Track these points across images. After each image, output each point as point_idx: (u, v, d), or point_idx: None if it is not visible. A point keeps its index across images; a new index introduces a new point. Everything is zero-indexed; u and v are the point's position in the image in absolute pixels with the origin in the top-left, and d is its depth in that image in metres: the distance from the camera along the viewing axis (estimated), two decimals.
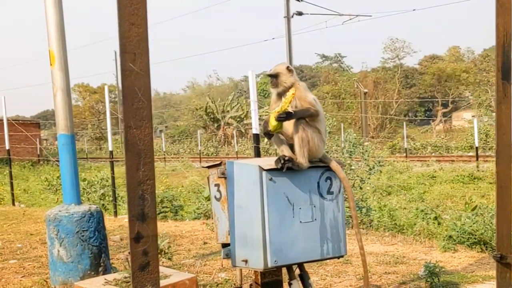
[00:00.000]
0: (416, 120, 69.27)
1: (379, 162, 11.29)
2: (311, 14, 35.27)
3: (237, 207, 4.85)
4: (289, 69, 4.91)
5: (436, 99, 67.83)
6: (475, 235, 8.22)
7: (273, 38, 44.41)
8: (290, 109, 4.61)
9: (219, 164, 5.12)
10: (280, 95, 4.90)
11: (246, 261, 4.77)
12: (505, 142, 5.77)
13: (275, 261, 4.62)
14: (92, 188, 17.17)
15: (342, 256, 5.02)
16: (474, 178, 22.34)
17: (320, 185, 4.85)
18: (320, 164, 4.87)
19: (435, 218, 12.19)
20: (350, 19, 36.39)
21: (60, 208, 6.79)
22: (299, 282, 5.00)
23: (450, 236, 8.31)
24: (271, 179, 4.63)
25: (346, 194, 5.02)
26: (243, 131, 61.71)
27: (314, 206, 4.81)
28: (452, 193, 19.13)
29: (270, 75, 4.94)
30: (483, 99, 61.18)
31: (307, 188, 4.79)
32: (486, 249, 8.11)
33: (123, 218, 12.60)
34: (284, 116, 4.58)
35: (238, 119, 63.87)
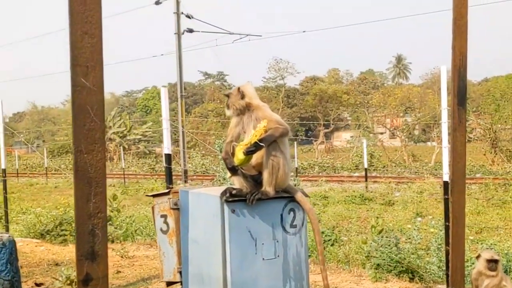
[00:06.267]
0: (297, 140, 70.30)
1: None
2: (202, 32, 34.94)
3: (192, 241, 4.34)
4: (240, 91, 4.47)
5: (318, 120, 69.20)
6: (402, 263, 8.05)
7: (162, 54, 43.37)
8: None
9: (167, 193, 4.59)
10: (241, 118, 4.45)
11: None
12: (460, 170, 5.57)
13: None
14: None
15: None
16: (365, 199, 22.65)
17: (283, 218, 4.43)
18: (284, 194, 4.45)
19: (335, 240, 12.11)
20: (240, 38, 36.31)
21: None
22: None
23: (378, 265, 8.08)
24: (233, 211, 4.16)
25: (311, 227, 4.61)
26: (126, 146, 60.26)
27: (277, 241, 4.38)
28: (347, 214, 19.20)
29: (225, 95, 4.51)
30: (362, 121, 63.10)
31: (270, 221, 4.36)
32: (414, 278, 7.95)
33: (18, 242, 11.57)
34: (254, 149, 4.12)
35: (121, 135, 62.37)
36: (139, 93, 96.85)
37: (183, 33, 33.31)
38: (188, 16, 33.38)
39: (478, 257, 5.92)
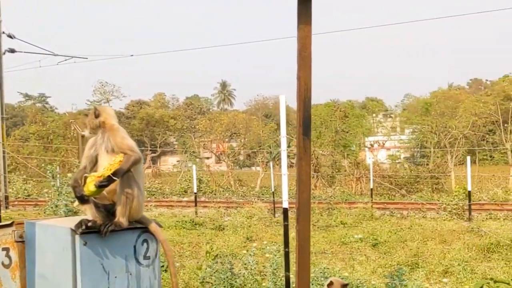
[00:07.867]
0: None
1: None
2: (25, 52, 33.51)
3: (40, 276, 4.08)
4: (95, 113, 4.35)
5: (145, 144, 68.81)
6: None
7: None
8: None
9: (10, 225, 4.29)
10: (95, 139, 4.31)
11: None
12: (305, 199, 5.71)
13: None
14: None
15: None
16: (196, 224, 22.68)
17: (137, 249, 4.31)
18: (138, 225, 4.33)
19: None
20: (66, 60, 35.25)
21: None
22: None
23: None
24: (85, 244, 3.97)
25: (165, 258, 4.52)
26: None
27: (130, 274, 4.25)
28: (178, 240, 19.12)
29: (85, 115, 4.35)
30: (189, 146, 63.58)
31: (123, 253, 4.22)
32: None
33: None
34: (106, 183, 3.98)
35: None
36: None
37: (4, 53, 31.78)
38: (9, 36, 31.86)
39: (330, 284, 6.11)
